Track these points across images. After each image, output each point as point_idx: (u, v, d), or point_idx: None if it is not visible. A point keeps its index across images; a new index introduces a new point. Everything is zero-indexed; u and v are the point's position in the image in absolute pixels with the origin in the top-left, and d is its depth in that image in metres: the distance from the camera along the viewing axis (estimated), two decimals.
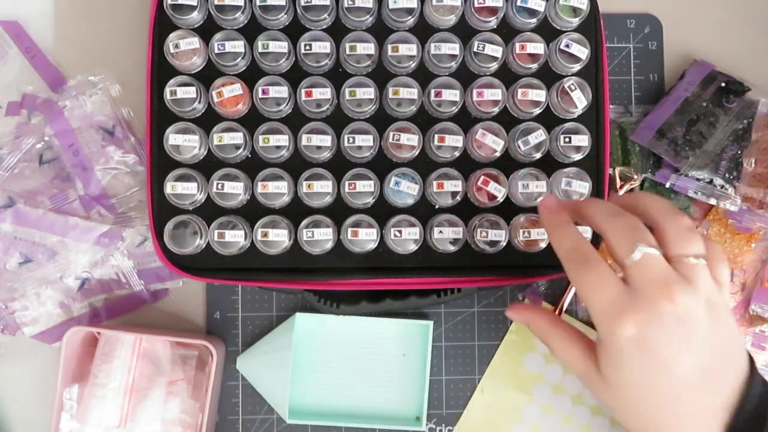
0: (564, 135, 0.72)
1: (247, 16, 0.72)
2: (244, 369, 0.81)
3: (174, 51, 0.71)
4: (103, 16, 0.83)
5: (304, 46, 0.71)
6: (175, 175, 0.71)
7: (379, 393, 0.82)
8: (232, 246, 0.71)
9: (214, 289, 0.83)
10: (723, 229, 0.82)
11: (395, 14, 0.72)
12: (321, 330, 0.82)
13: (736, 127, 0.80)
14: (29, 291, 0.79)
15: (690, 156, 0.79)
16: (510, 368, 0.83)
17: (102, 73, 0.81)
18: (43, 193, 0.79)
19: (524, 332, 0.83)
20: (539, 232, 0.71)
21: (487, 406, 0.83)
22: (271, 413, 0.82)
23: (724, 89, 0.81)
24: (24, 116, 0.81)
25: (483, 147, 0.72)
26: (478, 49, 0.72)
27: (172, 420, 0.77)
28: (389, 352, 0.82)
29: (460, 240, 0.71)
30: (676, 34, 0.85)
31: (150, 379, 0.77)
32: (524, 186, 0.71)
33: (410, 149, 0.71)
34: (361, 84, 0.71)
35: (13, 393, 0.82)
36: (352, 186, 0.71)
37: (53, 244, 0.78)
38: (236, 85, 0.71)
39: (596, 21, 0.74)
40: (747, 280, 0.82)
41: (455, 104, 0.72)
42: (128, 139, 0.81)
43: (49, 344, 0.80)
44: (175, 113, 0.71)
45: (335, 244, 0.71)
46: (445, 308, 0.83)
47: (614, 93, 0.84)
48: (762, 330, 0.81)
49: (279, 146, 0.71)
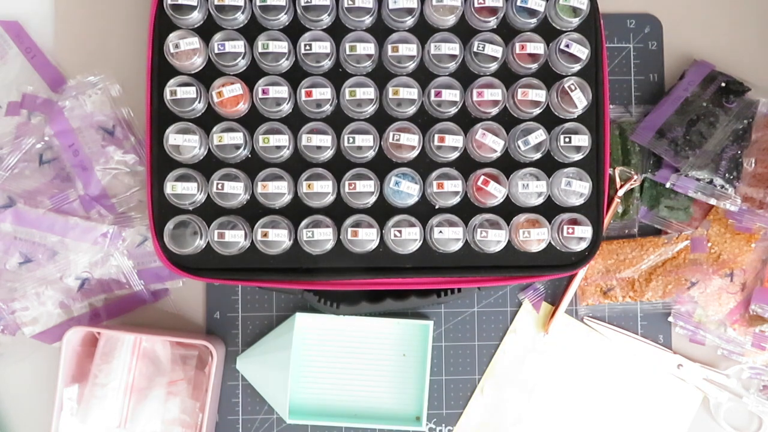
0: (564, 135, 0.72)
1: (247, 16, 0.72)
2: (244, 369, 0.81)
3: (174, 51, 0.71)
4: (103, 17, 0.83)
5: (304, 46, 0.71)
6: (175, 175, 0.71)
7: (379, 393, 0.82)
8: (232, 246, 0.71)
9: (214, 289, 0.82)
10: (723, 229, 0.82)
11: (395, 14, 0.72)
12: (321, 330, 0.82)
13: (736, 127, 0.80)
14: (29, 291, 0.79)
15: (690, 156, 0.79)
16: (510, 368, 0.83)
17: (102, 73, 0.81)
18: (43, 193, 0.79)
19: (524, 332, 0.83)
20: (539, 232, 0.71)
21: (487, 406, 0.83)
22: (271, 413, 0.82)
23: (724, 89, 0.81)
24: (24, 116, 0.81)
25: (483, 147, 0.72)
26: (478, 49, 0.72)
27: (172, 420, 0.77)
28: (389, 352, 0.82)
29: (460, 240, 0.71)
30: (676, 34, 0.85)
31: (150, 379, 0.77)
32: (524, 186, 0.71)
33: (410, 149, 0.71)
34: (361, 84, 0.71)
35: (13, 393, 0.82)
36: (352, 186, 0.71)
37: (53, 244, 0.78)
38: (236, 85, 0.71)
39: (596, 21, 0.74)
40: (747, 280, 0.82)
41: (455, 104, 0.72)
42: (128, 139, 0.81)
43: (49, 344, 0.80)
44: (175, 113, 0.71)
45: (335, 244, 0.71)
46: (445, 308, 0.83)
47: (614, 93, 0.84)
48: (762, 330, 0.81)
49: (279, 146, 0.71)
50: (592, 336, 0.83)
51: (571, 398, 0.83)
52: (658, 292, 0.82)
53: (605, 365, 0.83)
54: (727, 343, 0.82)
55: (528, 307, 0.83)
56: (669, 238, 0.82)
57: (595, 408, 0.83)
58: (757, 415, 0.83)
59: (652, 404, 0.83)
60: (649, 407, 0.83)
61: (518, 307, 0.83)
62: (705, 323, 0.82)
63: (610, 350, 0.83)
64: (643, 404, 0.83)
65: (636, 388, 0.83)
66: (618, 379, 0.83)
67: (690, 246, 0.82)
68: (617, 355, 0.83)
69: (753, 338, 0.81)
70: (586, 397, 0.83)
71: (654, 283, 0.82)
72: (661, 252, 0.82)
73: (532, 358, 0.83)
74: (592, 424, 0.83)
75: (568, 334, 0.83)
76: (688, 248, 0.82)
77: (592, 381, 0.83)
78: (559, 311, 0.82)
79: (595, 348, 0.83)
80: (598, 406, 0.83)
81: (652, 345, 0.83)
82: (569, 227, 0.71)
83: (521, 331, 0.83)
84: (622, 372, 0.83)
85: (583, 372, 0.83)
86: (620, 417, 0.83)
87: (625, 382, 0.83)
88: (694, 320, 0.82)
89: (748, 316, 0.81)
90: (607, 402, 0.83)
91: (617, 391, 0.83)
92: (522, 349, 0.83)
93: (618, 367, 0.83)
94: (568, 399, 0.83)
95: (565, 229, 0.71)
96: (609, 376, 0.83)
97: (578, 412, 0.83)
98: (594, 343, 0.83)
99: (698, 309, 0.82)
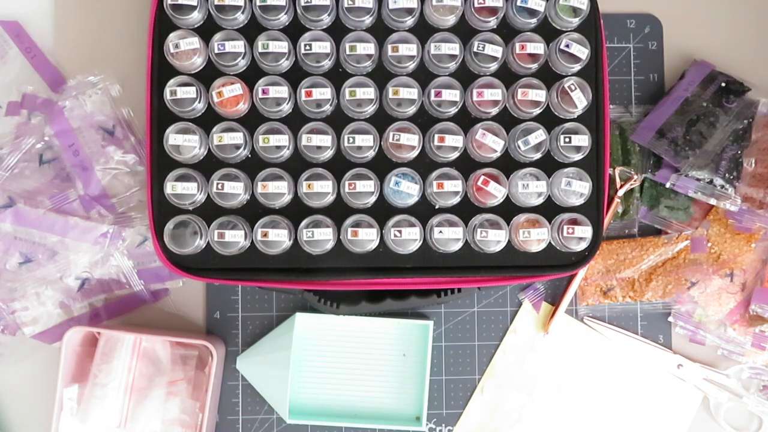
0: (564, 135, 0.72)
1: (247, 16, 0.72)
2: (244, 369, 0.81)
3: (174, 51, 0.71)
4: (103, 17, 0.83)
5: (304, 46, 0.71)
6: (175, 175, 0.71)
7: (379, 393, 0.82)
8: (232, 246, 0.71)
9: (214, 289, 0.82)
10: (723, 229, 0.82)
11: (395, 14, 0.72)
12: (321, 330, 0.82)
13: (736, 127, 0.80)
14: (29, 291, 0.79)
15: (690, 156, 0.79)
16: (510, 368, 0.83)
17: (102, 73, 0.81)
18: (43, 193, 0.79)
19: (524, 332, 0.83)
20: (539, 232, 0.71)
21: (486, 406, 0.83)
22: (271, 413, 0.82)
23: (724, 89, 0.81)
24: (24, 116, 0.81)
25: (483, 147, 0.72)
26: (478, 49, 0.72)
27: (172, 420, 0.77)
28: (389, 352, 0.82)
29: (460, 240, 0.71)
30: (676, 34, 0.85)
31: (150, 379, 0.77)
32: (524, 186, 0.71)
33: (410, 149, 0.71)
34: (361, 84, 0.71)
35: (13, 393, 0.82)
36: (352, 186, 0.71)
37: (53, 244, 0.78)
38: (236, 85, 0.71)
39: (596, 21, 0.74)
40: (747, 280, 0.82)
41: (455, 104, 0.72)
42: (128, 139, 0.81)
43: (49, 344, 0.80)
44: (175, 113, 0.71)
45: (335, 244, 0.71)
46: (445, 308, 0.83)
47: (614, 93, 0.84)
48: (762, 330, 0.81)
49: (279, 146, 0.71)
50: (592, 336, 0.83)
51: (571, 398, 0.83)
52: (658, 292, 0.82)
53: (605, 365, 0.83)
54: (727, 343, 0.82)
55: (528, 307, 0.83)
56: (669, 238, 0.82)
57: (596, 408, 0.83)
58: (757, 415, 0.83)
59: (652, 404, 0.83)
60: (649, 407, 0.83)
61: (518, 307, 0.83)
62: (705, 323, 0.82)
63: (610, 350, 0.83)
64: (643, 404, 0.83)
65: (636, 388, 0.83)
66: (618, 379, 0.83)
67: (690, 246, 0.82)
68: (617, 355, 0.83)
69: (753, 338, 0.81)
70: (587, 397, 0.83)
71: (654, 283, 0.82)
72: (661, 252, 0.82)
73: (532, 358, 0.83)
74: (593, 425, 0.83)
75: (568, 334, 0.83)
76: (688, 248, 0.82)
77: (592, 381, 0.83)
78: (559, 311, 0.82)
79: (595, 348, 0.83)
80: (599, 407, 0.83)
81: (652, 345, 0.83)
82: (569, 227, 0.71)
83: (521, 331, 0.83)
84: (622, 372, 0.83)
85: (583, 372, 0.83)
86: (620, 417, 0.83)
87: (625, 382, 0.83)
88: (694, 320, 0.82)
89: (748, 316, 0.81)
90: (607, 402, 0.83)
91: (617, 391, 0.83)
92: (522, 349, 0.83)
93: (618, 367, 0.83)
94: (568, 399, 0.83)
95: (565, 229, 0.71)
96: (609, 376, 0.83)
97: (578, 413, 0.83)
98: (594, 343, 0.83)
99: (698, 309, 0.82)
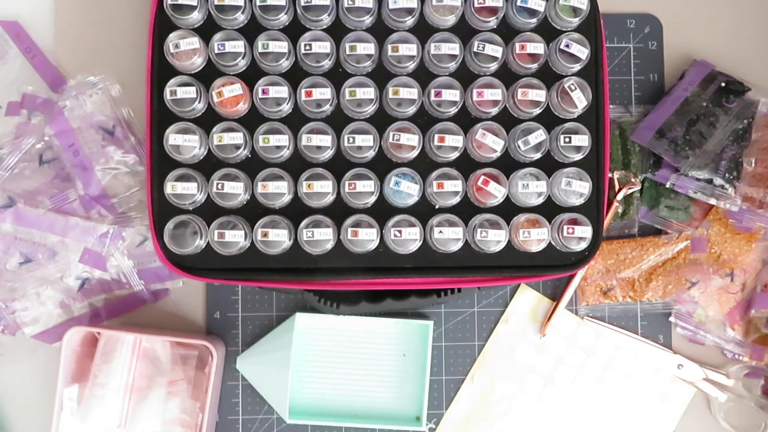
0: (564, 135, 0.72)
1: (247, 16, 0.72)
2: (244, 369, 0.81)
3: (174, 51, 0.71)
4: (103, 16, 0.83)
5: (304, 46, 0.71)
6: (175, 175, 0.71)
7: (379, 393, 0.82)
8: (232, 246, 0.71)
9: (214, 289, 0.82)
10: (723, 229, 0.82)
11: (395, 14, 0.72)
12: (321, 330, 0.82)
13: (736, 127, 0.80)
14: (29, 291, 0.79)
15: (690, 156, 0.79)
16: (501, 358, 0.83)
17: (102, 73, 0.81)
18: (43, 193, 0.79)
19: (516, 322, 0.83)
20: (539, 232, 0.71)
21: (476, 395, 0.82)
22: (271, 413, 0.82)
23: (724, 89, 0.81)
24: (24, 116, 0.81)
25: (483, 147, 0.72)
26: (478, 49, 0.72)
27: (172, 420, 0.77)
28: (389, 352, 0.82)
29: (460, 240, 0.71)
30: (676, 34, 0.85)
31: (150, 379, 0.77)
32: (524, 186, 0.71)
33: (410, 149, 0.71)
34: (361, 84, 0.71)
35: (13, 393, 0.82)
36: (352, 186, 0.71)
37: (53, 244, 0.78)
38: (236, 85, 0.71)
39: (596, 21, 0.74)
40: (747, 280, 0.82)
41: (455, 104, 0.72)
42: (128, 139, 0.81)
43: (49, 344, 0.80)
44: (175, 113, 0.71)
45: (335, 244, 0.71)
46: (445, 308, 0.83)
47: (614, 93, 0.84)
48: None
49: (279, 146, 0.71)
50: (592, 336, 0.83)
51: (571, 398, 0.83)
52: (659, 292, 0.82)
53: (605, 365, 0.83)
54: (727, 343, 0.82)
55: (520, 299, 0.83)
56: (669, 238, 0.82)
57: (595, 408, 0.83)
58: (757, 415, 0.83)
59: (652, 404, 0.83)
60: (649, 407, 0.83)
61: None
62: (705, 323, 0.82)
63: (609, 350, 0.83)
64: (643, 404, 0.83)
65: (636, 388, 0.83)
66: (618, 378, 0.83)
67: (690, 246, 0.82)
68: (617, 356, 0.83)
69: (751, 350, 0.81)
70: (586, 397, 0.83)
71: (654, 283, 0.82)
72: (661, 252, 0.82)
73: (523, 348, 0.83)
74: (593, 425, 0.83)
75: (567, 334, 0.83)
76: (688, 248, 0.82)
77: (592, 381, 0.83)
78: (557, 311, 0.82)
79: (595, 348, 0.83)
80: (598, 406, 0.83)
81: (652, 345, 0.83)
82: (569, 227, 0.71)
83: (513, 321, 0.83)
84: (622, 372, 0.83)
85: (583, 372, 0.83)
86: (620, 417, 0.83)
87: (625, 382, 0.83)
88: (694, 320, 0.82)
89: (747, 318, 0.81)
90: (607, 402, 0.83)
91: (617, 391, 0.83)
92: (513, 339, 0.83)
93: (618, 367, 0.83)
94: (568, 399, 0.83)
95: (565, 229, 0.71)
96: (609, 376, 0.83)
97: (579, 413, 0.83)
98: (594, 343, 0.83)
99: (698, 309, 0.82)
